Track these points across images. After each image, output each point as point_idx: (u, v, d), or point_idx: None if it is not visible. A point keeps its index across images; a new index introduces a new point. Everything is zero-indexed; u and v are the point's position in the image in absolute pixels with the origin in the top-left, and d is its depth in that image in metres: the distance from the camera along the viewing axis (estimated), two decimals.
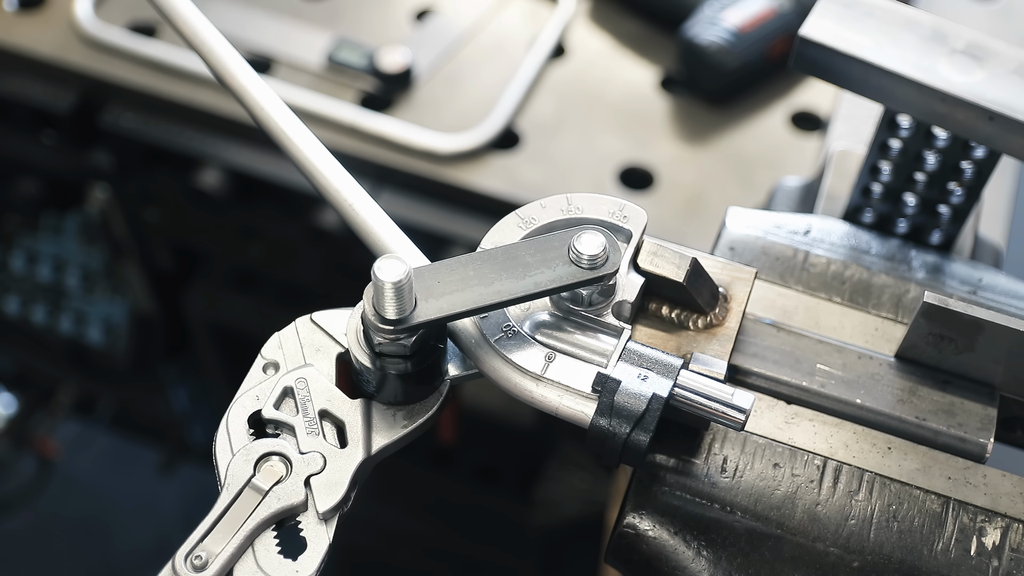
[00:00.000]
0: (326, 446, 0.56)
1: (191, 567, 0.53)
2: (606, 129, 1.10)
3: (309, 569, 0.53)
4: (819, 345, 0.64)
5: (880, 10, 0.66)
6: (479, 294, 0.55)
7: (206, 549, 0.53)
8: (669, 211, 1.03)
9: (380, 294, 0.52)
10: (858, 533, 0.56)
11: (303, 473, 0.55)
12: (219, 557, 0.53)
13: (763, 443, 0.59)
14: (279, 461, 0.55)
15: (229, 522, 0.54)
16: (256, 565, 0.53)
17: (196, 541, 0.53)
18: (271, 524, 0.54)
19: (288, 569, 0.53)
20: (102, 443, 1.91)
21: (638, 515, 0.57)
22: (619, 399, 0.54)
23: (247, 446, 0.56)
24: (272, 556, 0.53)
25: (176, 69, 1.10)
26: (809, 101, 1.12)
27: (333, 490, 0.55)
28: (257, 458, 0.55)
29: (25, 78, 1.14)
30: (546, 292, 0.55)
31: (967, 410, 0.61)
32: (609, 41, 1.18)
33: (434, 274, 0.55)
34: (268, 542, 0.54)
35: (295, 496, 0.54)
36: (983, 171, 0.69)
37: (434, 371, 0.58)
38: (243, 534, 0.53)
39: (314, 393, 0.57)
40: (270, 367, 0.58)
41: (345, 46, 1.12)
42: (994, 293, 0.68)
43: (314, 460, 0.55)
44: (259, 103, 0.64)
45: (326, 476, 0.55)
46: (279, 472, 0.55)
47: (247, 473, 0.55)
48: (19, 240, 1.40)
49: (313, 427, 0.56)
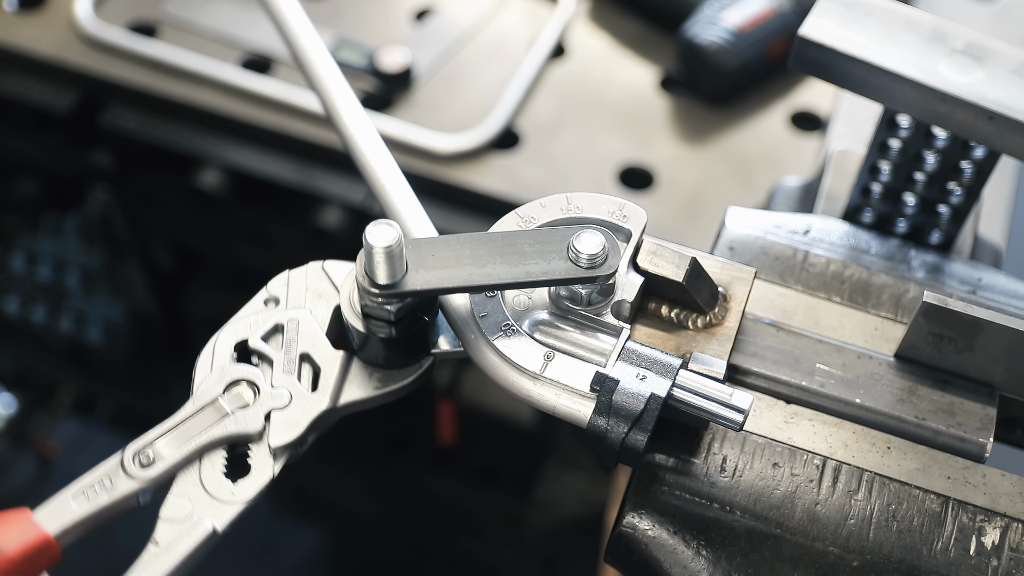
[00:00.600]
0: (297, 387, 0.57)
1: (138, 463, 0.55)
2: (606, 129, 1.10)
3: (245, 495, 0.55)
4: (819, 345, 0.64)
5: (880, 10, 0.66)
6: (469, 273, 0.55)
7: (156, 450, 0.55)
8: (669, 211, 1.03)
9: (370, 258, 0.53)
10: (857, 533, 0.56)
11: (267, 405, 0.57)
12: (166, 460, 0.55)
13: (762, 443, 0.59)
14: (248, 388, 0.57)
15: (185, 432, 0.56)
16: (198, 477, 0.55)
17: (149, 441, 0.56)
18: (223, 444, 0.56)
19: (225, 489, 0.55)
20: (102, 443, 1.91)
21: (637, 515, 0.57)
22: (617, 398, 0.54)
23: (224, 367, 0.58)
24: (215, 474, 0.55)
25: (176, 69, 1.10)
26: (809, 101, 1.12)
27: (289, 428, 0.56)
28: (230, 381, 0.58)
29: (25, 78, 1.14)
30: (536, 283, 0.56)
31: (967, 410, 0.61)
32: (609, 41, 1.18)
33: (431, 247, 0.56)
34: (216, 460, 0.56)
35: (252, 424, 0.56)
36: (983, 171, 0.68)
37: (420, 343, 0.59)
38: (194, 445, 0.55)
39: (302, 335, 0.59)
40: (271, 301, 0.60)
41: (345, 46, 1.12)
42: (994, 293, 0.68)
43: (281, 396, 0.57)
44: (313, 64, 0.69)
45: (287, 414, 0.56)
46: (246, 399, 0.57)
47: (216, 392, 0.57)
48: (19, 240, 1.40)
49: (291, 367, 0.58)
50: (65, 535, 0.53)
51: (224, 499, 0.54)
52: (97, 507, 0.54)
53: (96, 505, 0.54)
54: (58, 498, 0.54)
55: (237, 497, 0.55)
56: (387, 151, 0.65)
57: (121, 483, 0.54)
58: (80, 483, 0.54)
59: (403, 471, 1.53)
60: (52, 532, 0.53)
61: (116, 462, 0.55)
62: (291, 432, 0.56)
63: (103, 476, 0.54)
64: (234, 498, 0.55)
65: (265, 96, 1.08)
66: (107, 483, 0.54)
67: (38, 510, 0.53)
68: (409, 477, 1.53)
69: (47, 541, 0.52)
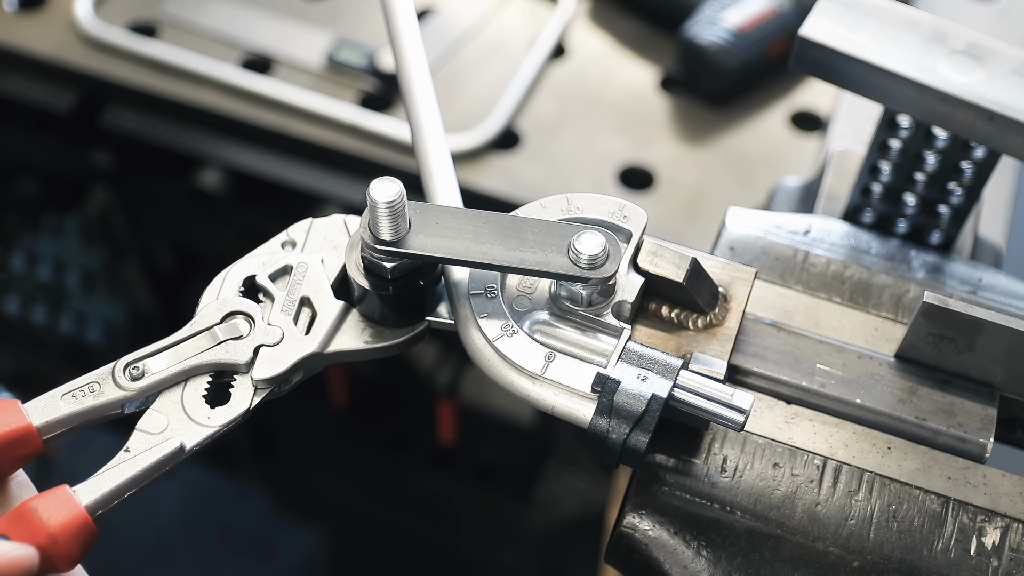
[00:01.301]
0: (291, 327, 0.59)
1: (128, 375, 0.57)
2: (606, 129, 1.10)
3: (219, 420, 0.57)
4: (819, 345, 0.64)
5: (880, 10, 0.66)
6: (464, 248, 0.56)
7: (147, 365, 0.58)
8: (669, 211, 1.03)
9: (372, 212, 0.55)
10: (858, 533, 0.56)
11: (258, 340, 0.59)
12: (154, 376, 0.57)
13: (763, 443, 0.59)
14: (245, 322, 0.60)
15: (177, 353, 0.58)
16: (180, 397, 0.57)
17: (142, 356, 0.58)
18: (210, 371, 0.58)
19: (203, 413, 0.57)
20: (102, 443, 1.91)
21: (638, 515, 0.57)
22: (619, 399, 0.54)
23: (227, 298, 0.60)
24: (196, 397, 0.57)
25: (176, 69, 1.10)
26: (809, 101, 1.12)
27: (274, 365, 0.58)
28: (229, 311, 0.60)
29: (25, 78, 1.14)
30: (528, 272, 0.57)
31: (967, 410, 0.61)
32: (609, 41, 1.18)
33: (436, 214, 0.57)
34: (200, 384, 0.58)
35: (241, 356, 0.58)
36: (983, 171, 0.68)
37: (415, 305, 0.60)
38: (182, 367, 0.58)
39: (307, 280, 0.61)
40: (288, 244, 0.63)
41: (345, 46, 1.12)
42: (994, 293, 0.68)
43: (273, 333, 0.59)
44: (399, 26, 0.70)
45: (275, 351, 0.59)
46: (240, 331, 0.59)
47: (214, 320, 0.59)
48: (19, 240, 1.40)
49: (290, 308, 0.60)
50: (48, 428, 0.56)
51: (199, 421, 0.57)
52: (82, 408, 0.57)
53: (81, 406, 0.57)
54: (48, 395, 0.57)
55: (212, 422, 0.57)
56: (442, 131, 0.67)
57: (109, 390, 0.57)
58: (71, 385, 0.57)
59: (403, 471, 1.53)
60: (36, 424, 0.55)
61: (108, 370, 0.57)
62: (274, 368, 0.58)
63: (93, 381, 0.57)
64: (208, 422, 0.57)
65: (265, 96, 1.08)
66: (95, 388, 0.57)
67: (28, 404, 0.56)
68: (409, 477, 1.53)
69: (29, 431, 0.55)
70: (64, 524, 0.52)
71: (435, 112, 0.67)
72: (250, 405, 0.58)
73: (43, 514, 0.52)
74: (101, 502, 0.54)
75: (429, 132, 0.66)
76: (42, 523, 0.52)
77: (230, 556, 1.85)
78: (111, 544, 1.85)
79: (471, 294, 0.59)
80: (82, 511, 0.53)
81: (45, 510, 0.52)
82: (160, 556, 1.85)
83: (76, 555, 0.53)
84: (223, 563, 1.85)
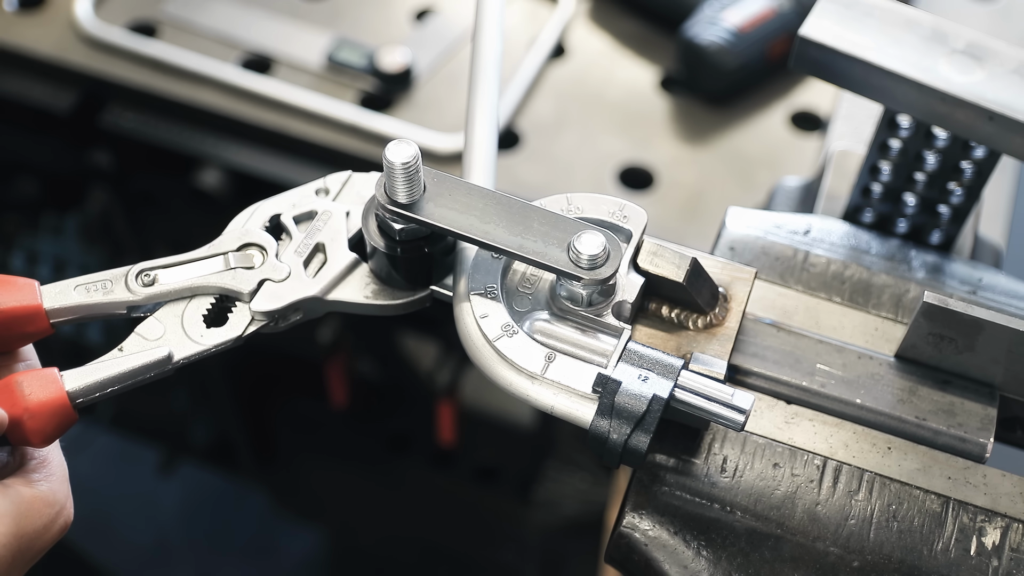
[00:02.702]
0: (299, 269, 0.62)
1: (140, 281, 0.61)
2: (606, 129, 1.10)
3: (210, 341, 0.60)
4: (819, 345, 0.64)
5: (880, 10, 0.66)
6: (469, 223, 0.58)
7: (158, 276, 0.61)
8: (669, 211, 1.03)
9: (387, 173, 0.57)
10: (858, 533, 0.56)
11: (265, 274, 0.61)
12: (163, 287, 0.61)
13: (763, 443, 0.59)
14: (259, 254, 0.62)
15: (189, 270, 0.61)
16: (181, 311, 0.61)
17: (156, 265, 0.61)
18: (215, 293, 0.61)
19: (196, 330, 0.60)
20: (102, 443, 1.91)
21: (638, 515, 0.57)
22: (620, 400, 0.54)
23: (249, 230, 0.63)
24: (196, 314, 0.61)
25: (176, 69, 1.10)
26: (809, 101, 1.12)
27: (273, 300, 0.60)
28: (247, 242, 0.63)
29: (25, 78, 1.14)
30: (523, 259, 0.57)
31: (967, 410, 0.61)
32: (609, 41, 1.18)
33: (451, 186, 0.59)
34: (202, 304, 0.61)
35: (245, 285, 0.61)
36: (983, 171, 0.68)
37: (420, 272, 0.61)
38: (190, 284, 0.61)
39: (327, 228, 0.63)
40: (322, 192, 0.65)
41: (345, 46, 1.12)
42: (994, 293, 0.68)
43: (280, 270, 0.61)
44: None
45: (278, 287, 0.61)
46: (252, 262, 0.62)
47: (230, 247, 0.63)
48: (19, 240, 1.40)
49: (303, 250, 0.62)
50: (56, 313, 0.59)
51: (193, 338, 0.60)
52: (91, 302, 0.60)
53: (91, 300, 0.60)
54: (63, 283, 0.60)
55: (204, 340, 0.60)
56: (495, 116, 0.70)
57: (119, 291, 0.60)
58: (86, 278, 0.61)
59: (403, 471, 1.53)
60: (46, 306, 0.59)
61: (123, 272, 0.61)
62: (273, 303, 0.60)
63: (107, 279, 0.61)
64: (201, 340, 0.60)
65: (265, 96, 1.08)
66: (108, 286, 0.61)
67: (44, 286, 0.60)
68: (409, 477, 1.53)
69: (39, 311, 0.59)
70: (43, 402, 0.56)
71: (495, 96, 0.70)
72: (242, 332, 0.60)
73: (26, 389, 0.56)
74: (84, 391, 0.57)
75: (483, 111, 0.69)
76: (22, 396, 0.55)
77: (230, 556, 1.85)
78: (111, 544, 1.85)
79: (472, 293, 0.59)
80: (63, 394, 0.56)
81: (29, 385, 0.56)
82: (160, 556, 1.85)
83: (49, 433, 0.56)
84: (223, 563, 1.85)
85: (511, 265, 0.61)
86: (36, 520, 0.55)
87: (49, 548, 0.57)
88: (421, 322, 1.29)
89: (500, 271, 0.60)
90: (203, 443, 1.66)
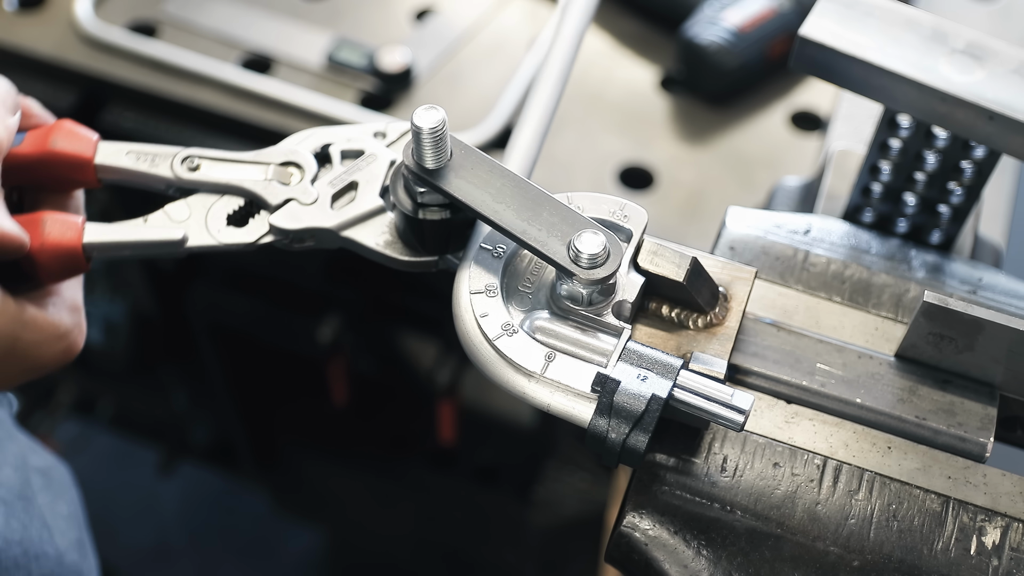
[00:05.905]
0: (326, 199, 0.64)
1: (185, 167, 0.65)
2: (606, 129, 1.10)
3: (224, 238, 0.63)
4: (819, 344, 0.64)
5: (880, 10, 0.66)
6: (480, 199, 0.59)
7: (202, 165, 0.65)
8: (669, 211, 1.03)
9: (415, 137, 0.58)
10: (858, 532, 0.56)
11: (294, 194, 0.64)
12: (201, 175, 0.64)
13: (763, 442, 0.59)
14: (297, 173, 0.65)
15: (231, 169, 0.65)
16: (210, 204, 0.64)
17: (204, 155, 0.65)
18: (246, 197, 0.64)
19: (216, 225, 0.64)
20: (102, 443, 1.91)
21: (638, 514, 0.57)
22: (618, 399, 0.54)
23: (297, 150, 0.66)
24: (222, 211, 0.64)
25: (176, 69, 1.10)
26: (809, 101, 1.12)
27: (291, 220, 0.63)
28: (292, 160, 0.65)
29: (25, 78, 1.14)
30: (524, 244, 0.58)
31: (967, 409, 0.61)
32: (609, 41, 1.18)
33: (475, 160, 0.60)
34: (231, 203, 0.64)
35: (274, 197, 0.64)
36: (983, 171, 0.69)
37: (435, 237, 0.62)
38: (226, 180, 0.64)
39: (367, 169, 0.65)
40: (380, 135, 0.67)
41: (345, 46, 1.12)
42: (994, 293, 0.68)
43: (309, 195, 0.64)
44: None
45: (300, 210, 0.64)
46: (289, 179, 0.65)
47: (274, 159, 0.65)
48: None
49: (338, 183, 0.65)
50: (104, 170, 0.65)
51: (211, 231, 0.63)
52: (136, 169, 0.65)
53: (137, 167, 0.65)
54: (119, 144, 0.65)
55: (219, 236, 0.63)
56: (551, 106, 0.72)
57: (163, 167, 0.65)
58: (139, 146, 0.65)
59: (403, 471, 1.53)
60: (97, 160, 0.65)
61: (172, 152, 0.65)
62: (290, 222, 0.63)
63: (157, 154, 0.65)
64: (217, 235, 0.63)
65: (265, 96, 1.08)
66: (155, 160, 0.65)
67: (102, 143, 0.66)
68: (410, 477, 1.53)
69: (90, 163, 0.65)
70: (57, 242, 0.61)
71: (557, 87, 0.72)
72: (256, 240, 0.63)
73: (47, 227, 0.61)
74: (98, 246, 0.62)
75: (540, 100, 0.71)
76: (40, 232, 0.60)
77: (230, 556, 1.85)
78: (111, 544, 1.85)
79: (472, 292, 0.59)
80: (78, 242, 0.61)
81: (51, 225, 0.61)
82: (160, 556, 1.85)
83: (54, 272, 0.62)
84: (223, 563, 1.85)
85: (512, 264, 0.61)
86: (35, 333, 0.60)
87: (49, 370, 0.63)
88: (421, 322, 1.29)
89: (501, 270, 0.60)
90: (203, 443, 1.66)
